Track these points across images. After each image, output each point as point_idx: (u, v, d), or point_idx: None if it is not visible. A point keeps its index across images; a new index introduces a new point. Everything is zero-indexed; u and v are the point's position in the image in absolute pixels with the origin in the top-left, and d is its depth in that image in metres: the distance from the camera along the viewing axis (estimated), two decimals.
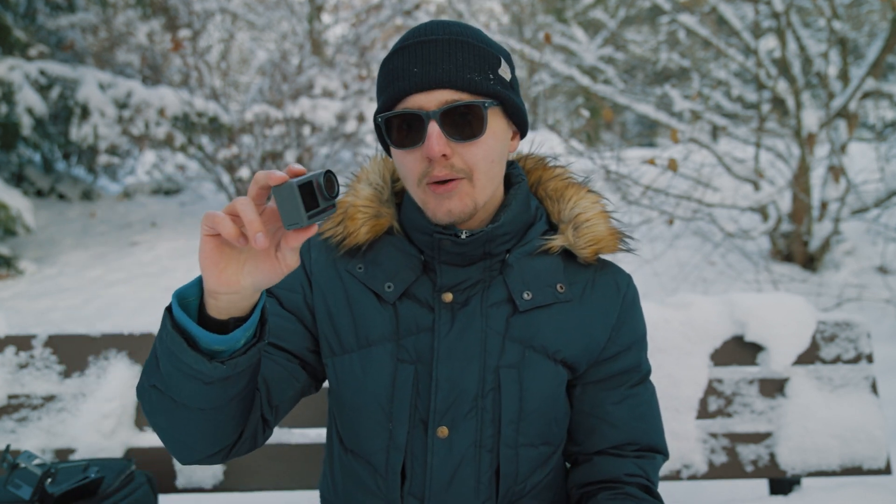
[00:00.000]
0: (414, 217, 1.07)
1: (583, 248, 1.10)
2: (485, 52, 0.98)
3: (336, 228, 1.13)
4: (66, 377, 1.62)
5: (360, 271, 1.10)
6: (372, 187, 1.14)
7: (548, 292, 1.08)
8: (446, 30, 0.98)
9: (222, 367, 0.83)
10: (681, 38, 7.31)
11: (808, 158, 4.86)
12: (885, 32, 4.56)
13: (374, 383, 1.06)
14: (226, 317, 0.84)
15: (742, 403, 1.68)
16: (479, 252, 1.06)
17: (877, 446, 1.66)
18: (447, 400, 1.04)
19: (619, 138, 11.73)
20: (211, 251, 0.79)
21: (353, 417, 1.09)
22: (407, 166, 0.99)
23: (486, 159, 0.98)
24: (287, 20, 8.50)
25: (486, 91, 0.96)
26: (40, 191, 8.15)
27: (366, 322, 1.08)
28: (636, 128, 14.64)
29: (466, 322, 1.05)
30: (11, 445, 1.49)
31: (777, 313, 1.67)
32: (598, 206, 1.13)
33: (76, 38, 7.75)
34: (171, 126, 6.74)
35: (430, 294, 1.08)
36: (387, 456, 1.06)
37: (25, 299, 5.39)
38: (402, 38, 1.01)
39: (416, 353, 1.06)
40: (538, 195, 1.18)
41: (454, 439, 1.04)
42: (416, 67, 0.95)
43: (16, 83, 5.89)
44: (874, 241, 5.41)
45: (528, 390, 1.06)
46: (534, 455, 1.08)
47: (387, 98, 0.98)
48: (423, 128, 0.95)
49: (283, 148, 7.19)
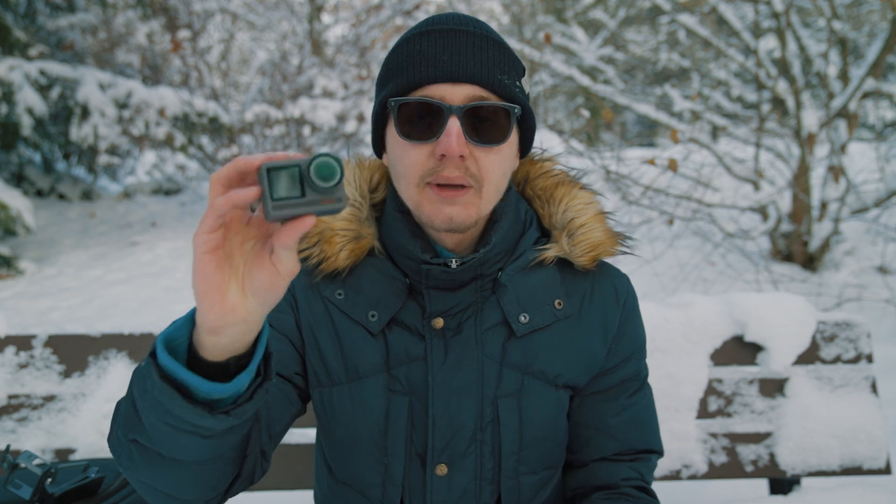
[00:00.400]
0: (398, 239, 0.98)
1: (580, 256, 1.02)
2: (514, 57, 0.93)
3: (312, 250, 1.01)
4: (66, 377, 1.62)
5: (339, 298, 1.01)
6: (349, 204, 1.03)
7: (546, 311, 1.01)
8: (477, 24, 0.91)
9: (227, 419, 0.71)
10: (681, 38, 7.31)
11: (808, 158, 4.86)
12: (885, 32, 4.56)
13: (367, 417, 0.99)
14: (226, 357, 0.71)
15: (742, 403, 1.68)
16: (471, 276, 0.98)
17: (877, 446, 1.66)
18: (445, 437, 0.98)
19: (619, 138, 11.73)
20: (213, 273, 0.65)
21: (345, 451, 1.03)
22: (409, 161, 0.90)
23: (500, 170, 0.91)
24: (287, 20, 8.51)
25: (512, 97, 0.90)
26: (40, 191, 8.15)
27: (354, 354, 1.00)
28: (636, 128, 14.63)
29: (461, 352, 0.98)
30: (11, 445, 1.49)
31: (777, 313, 1.67)
32: (593, 207, 1.05)
33: (76, 38, 7.75)
34: (171, 126, 6.75)
35: (418, 320, 0.99)
36: (383, 490, 1.00)
37: (25, 299, 5.39)
38: (426, 22, 0.92)
39: (408, 384, 0.99)
40: (526, 195, 1.10)
41: (453, 476, 0.99)
42: (446, 56, 0.87)
43: (16, 83, 5.89)
44: (874, 241, 5.41)
45: (528, 420, 1.00)
46: (534, 481, 1.04)
47: (404, 82, 0.89)
48: (441, 122, 0.86)
49: (283, 148, 7.19)
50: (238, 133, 7.21)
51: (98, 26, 7.99)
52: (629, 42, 8.21)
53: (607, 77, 6.65)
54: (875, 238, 5.41)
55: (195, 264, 0.65)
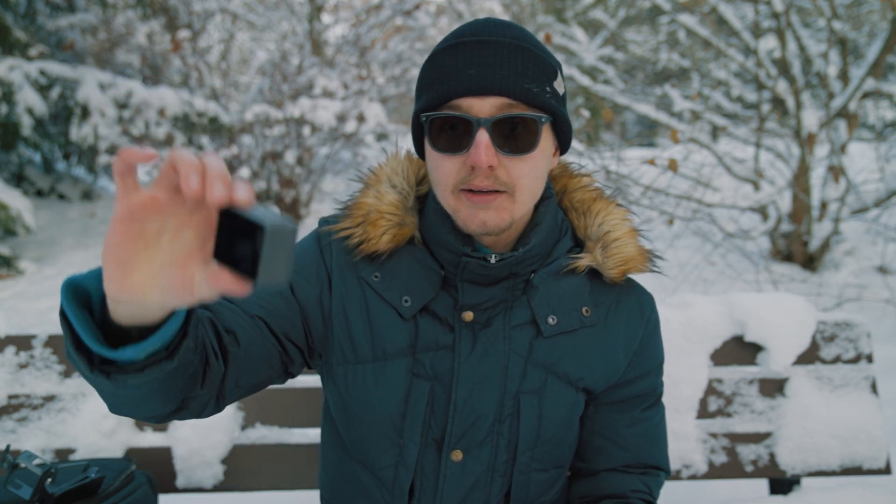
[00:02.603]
0: (439, 231, 1.01)
1: (611, 268, 1.05)
2: (543, 61, 0.93)
3: (355, 230, 1.04)
4: (66, 377, 1.62)
5: (375, 280, 1.03)
6: (397, 191, 1.06)
7: (573, 317, 1.04)
8: (506, 32, 0.92)
9: (135, 377, 0.69)
10: (681, 38, 7.31)
11: (808, 158, 4.86)
12: (885, 32, 4.56)
13: (387, 397, 1.02)
14: (128, 325, 0.67)
15: (742, 403, 1.68)
16: (505, 273, 1.01)
17: (877, 446, 1.66)
18: (464, 424, 1.01)
19: (619, 138, 11.73)
20: (118, 245, 0.59)
21: (362, 429, 1.05)
22: (443, 171, 0.93)
23: (532, 176, 0.93)
24: (287, 20, 8.50)
25: (541, 104, 0.91)
26: (40, 191, 8.15)
27: (383, 334, 1.02)
28: (636, 128, 14.63)
29: (489, 344, 1.01)
30: (11, 445, 1.49)
31: (777, 313, 1.67)
32: (627, 224, 1.08)
33: (76, 38, 7.75)
34: (171, 126, 6.74)
35: (449, 311, 1.03)
36: (395, 472, 1.03)
37: (25, 299, 5.39)
38: (455, 34, 0.95)
39: (433, 370, 1.02)
40: (563, 206, 1.13)
41: (468, 463, 1.02)
42: (472, 69, 0.89)
43: (16, 83, 5.89)
44: (874, 241, 5.42)
45: (547, 417, 1.03)
46: (544, 478, 1.07)
47: (434, 96, 0.91)
48: (470, 134, 0.89)
49: (283, 148, 7.19)
50: (238, 133, 7.21)
51: (98, 26, 7.99)
52: (629, 42, 8.21)
53: (607, 77, 6.65)
54: (875, 238, 5.41)
55: (109, 226, 0.60)
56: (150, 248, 0.61)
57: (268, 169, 7.40)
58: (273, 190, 7.53)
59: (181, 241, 0.61)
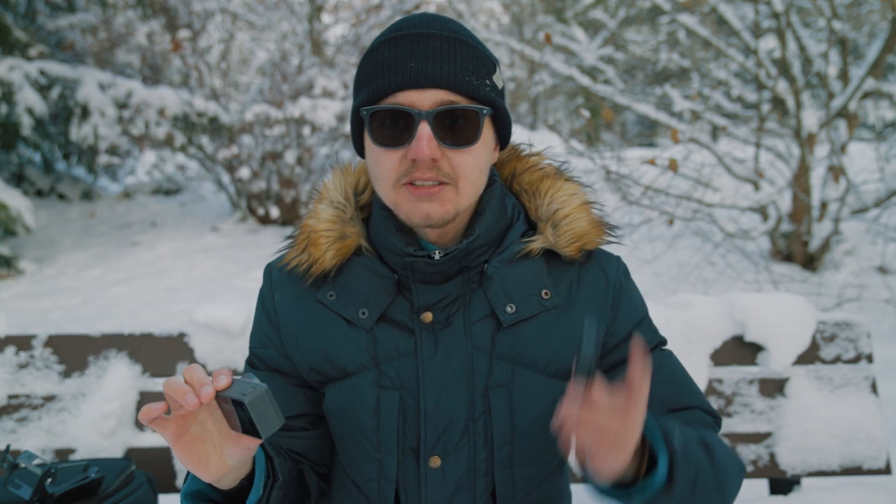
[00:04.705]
0: (384, 235, 1.00)
1: (565, 246, 1.02)
2: (482, 55, 0.94)
3: (301, 256, 1.05)
4: (66, 377, 1.62)
5: (331, 299, 1.03)
6: (333, 207, 1.06)
7: (532, 301, 1.01)
8: (444, 26, 0.92)
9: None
10: (681, 38, 7.31)
11: (808, 158, 4.86)
12: (885, 32, 4.56)
13: (358, 413, 1.01)
14: (235, 485, 0.87)
15: (742, 403, 1.68)
16: (456, 268, 0.99)
17: (877, 446, 1.66)
18: (437, 429, 0.99)
19: (619, 138, 11.73)
20: (187, 455, 0.81)
21: (345, 447, 1.06)
22: (384, 166, 0.93)
23: (475, 168, 0.94)
24: (287, 20, 8.50)
25: (482, 97, 0.91)
26: (40, 191, 8.15)
27: (339, 353, 1.02)
28: (636, 128, 14.62)
29: (451, 344, 0.99)
30: (11, 445, 1.49)
31: (777, 313, 1.67)
32: (578, 197, 1.05)
33: (76, 38, 7.75)
34: (171, 126, 6.74)
35: (407, 316, 1.01)
36: (378, 485, 1.02)
37: (25, 299, 5.40)
38: (393, 27, 0.94)
39: (399, 379, 1.00)
40: (513, 190, 1.10)
41: (447, 468, 1.00)
42: (412, 62, 0.89)
43: (16, 83, 5.89)
44: (874, 241, 5.42)
45: (519, 410, 1.00)
46: (531, 474, 1.03)
47: (374, 90, 0.91)
48: (412, 127, 0.89)
49: (283, 148, 7.20)
50: (238, 133, 7.21)
51: (98, 26, 7.99)
52: (629, 42, 8.20)
53: (607, 77, 6.65)
54: (875, 238, 5.41)
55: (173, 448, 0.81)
56: (205, 440, 0.82)
57: (268, 169, 7.40)
58: (273, 190, 7.53)
59: (215, 424, 0.83)
